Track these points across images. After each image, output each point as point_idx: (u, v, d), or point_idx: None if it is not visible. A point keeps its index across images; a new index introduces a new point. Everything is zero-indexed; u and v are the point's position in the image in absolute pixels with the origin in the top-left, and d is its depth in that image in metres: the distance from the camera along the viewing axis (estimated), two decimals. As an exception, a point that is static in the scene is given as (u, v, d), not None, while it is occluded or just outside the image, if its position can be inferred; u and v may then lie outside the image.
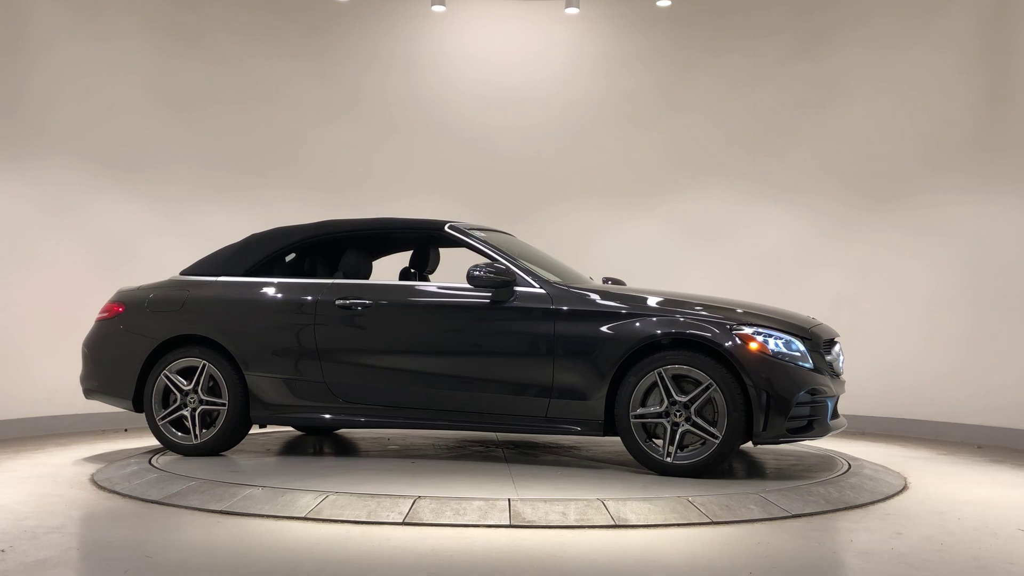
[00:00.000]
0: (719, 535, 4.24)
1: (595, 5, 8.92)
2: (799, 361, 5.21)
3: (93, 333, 6.35)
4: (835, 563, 3.94)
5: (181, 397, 5.90)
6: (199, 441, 5.85)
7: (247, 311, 5.92)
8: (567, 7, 8.55)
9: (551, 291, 5.48)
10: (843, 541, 4.29)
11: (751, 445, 5.40)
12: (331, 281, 5.88)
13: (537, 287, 5.50)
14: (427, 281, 6.35)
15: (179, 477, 5.15)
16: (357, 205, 7.81)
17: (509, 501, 4.52)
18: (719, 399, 5.09)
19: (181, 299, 6.07)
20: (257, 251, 6.15)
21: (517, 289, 5.49)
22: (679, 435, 5.15)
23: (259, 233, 6.31)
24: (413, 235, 6.45)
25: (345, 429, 6.99)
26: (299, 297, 5.84)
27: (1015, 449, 7.14)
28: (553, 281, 5.62)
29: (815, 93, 8.51)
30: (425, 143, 8.95)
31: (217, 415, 5.86)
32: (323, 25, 8.89)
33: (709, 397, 5.12)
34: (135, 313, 6.16)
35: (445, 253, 6.51)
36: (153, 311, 6.12)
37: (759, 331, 5.19)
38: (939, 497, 5.22)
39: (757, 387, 5.06)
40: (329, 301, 5.75)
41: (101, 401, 6.36)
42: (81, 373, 6.40)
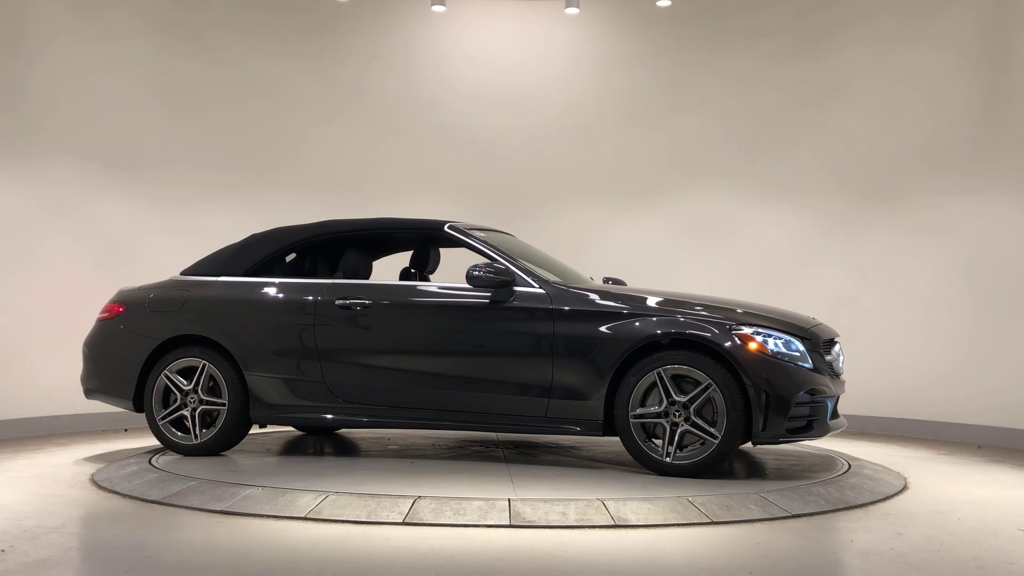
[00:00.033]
0: (719, 535, 4.24)
1: (595, 5, 8.92)
2: (798, 361, 5.21)
3: (94, 333, 6.36)
4: (835, 563, 3.94)
5: (181, 397, 5.91)
6: (199, 441, 5.86)
7: (247, 311, 5.93)
8: (567, 7, 8.55)
9: (550, 291, 5.48)
10: (843, 541, 4.29)
11: (751, 445, 5.40)
12: (331, 281, 5.88)
13: (536, 287, 5.50)
14: (427, 281, 6.36)
15: (179, 477, 5.15)
16: (357, 205, 7.81)
17: (509, 501, 4.52)
18: (718, 399, 5.09)
19: (181, 299, 6.08)
20: (257, 251, 6.15)
21: (516, 289, 5.49)
22: (678, 435, 5.15)
23: (259, 233, 6.32)
24: (413, 235, 6.45)
25: (345, 429, 6.99)
26: (299, 297, 5.85)
27: (1015, 449, 7.14)
28: (552, 281, 5.62)
29: (815, 93, 8.51)
30: (425, 143, 8.95)
31: (217, 415, 5.87)
32: (323, 25, 8.89)
33: (708, 397, 5.12)
34: (135, 313, 6.17)
35: (446, 253, 6.51)
36: (153, 311, 6.12)
37: (758, 331, 5.19)
38: (939, 497, 5.22)
39: (756, 387, 5.05)
40: (329, 301, 5.76)
41: (102, 401, 6.37)
42: (82, 373, 6.41)
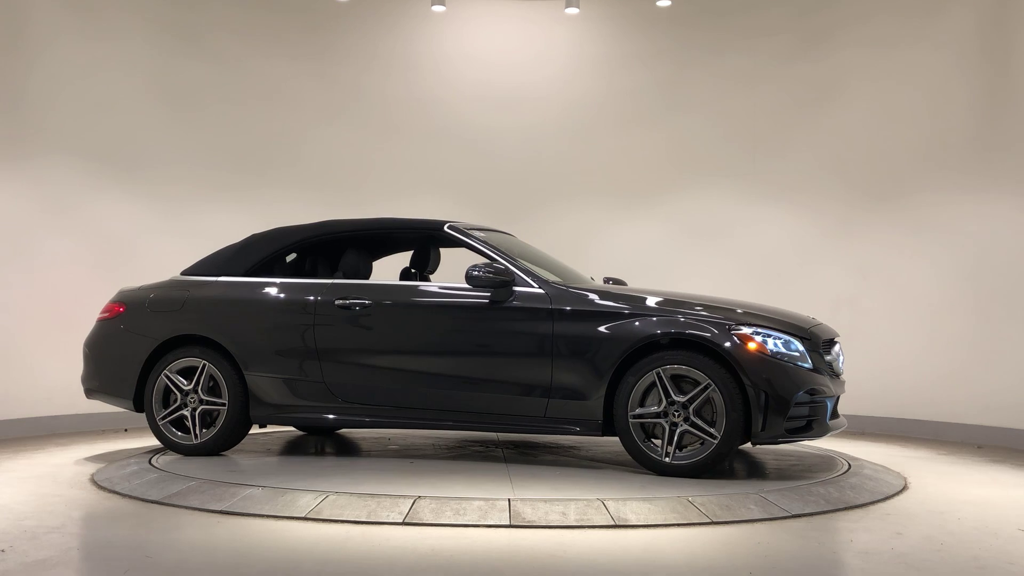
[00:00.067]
0: (719, 535, 4.24)
1: (595, 5, 8.91)
2: (798, 361, 5.21)
3: (94, 333, 6.36)
4: (835, 563, 3.94)
5: (181, 397, 5.91)
6: (199, 441, 5.86)
7: (247, 311, 5.93)
8: (567, 7, 8.54)
9: (550, 291, 5.48)
10: (843, 541, 4.29)
11: (750, 445, 5.40)
12: (330, 281, 5.88)
13: (536, 287, 5.50)
14: (428, 281, 6.36)
15: (179, 477, 5.15)
16: (357, 205, 7.82)
17: (509, 501, 4.52)
18: (717, 399, 5.09)
19: (181, 299, 6.08)
20: (257, 251, 6.15)
21: (516, 289, 5.49)
22: (677, 435, 5.15)
23: (259, 233, 6.32)
24: (413, 235, 6.45)
25: (345, 429, 6.99)
26: (299, 297, 5.85)
27: (1015, 449, 7.14)
28: (552, 281, 5.62)
29: (815, 93, 8.51)
30: (425, 143, 8.95)
31: (217, 415, 5.87)
32: (323, 25, 8.89)
33: (708, 397, 5.11)
34: (136, 313, 6.17)
35: (447, 253, 6.51)
36: (154, 311, 6.12)
37: (758, 331, 5.19)
38: (939, 497, 5.22)
39: (756, 387, 5.05)
40: (329, 301, 5.76)
41: (102, 401, 6.37)
42: (82, 373, 6.41)
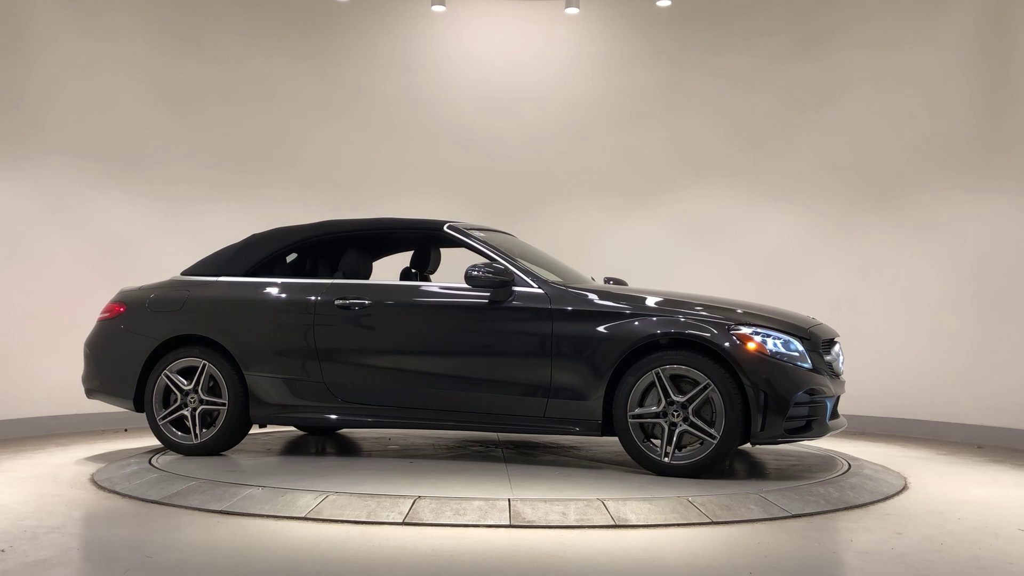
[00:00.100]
0: (719, 535, 4.24)
1: (595, 5, 8.92)
2: (797, 361, 5.20)
3: (94, 333, 6.36)
4: (835, 563, 3.94)
5: (181, 397, 5.91)
6: (199, 441, 5.86)
7: (247, 311, 5.93)
8: (567, 7, 8.55)
9: (549, 291, 5.48)
10: (843, 541, 4.29)
11: (750, 446, 5.40)
12: (330, 281, 5.88)
13: (535, 287, 5.50)
14: (428, 281, 6.36)
15: (179, 477, 5.15)
16: (357, 205, 7.82)
17: (509, 501, 4.52)
18: (717, 399, 5.09)
19: (182, 299, 6.08)
20: (258, 251, 6.15)
21: (515, 289, 5.49)
22: (677, 435, 5.15)
23: (260, 233, 6.32)
24: (413, 235, 6.45)
25: (345, 429, 6.99)
26: (299, 297, 5.85)
27: (1015, 449, 7.14)
28: (551, 281, 5.62)
29: (815, 93, 8.51)
30: (425, 143, 8.95)
31: (217, 415, 5.87)
32: (323, 25, 8.89)
33: (707, 397, 5.11)
34: (136, 313, 6.17)
35: (449, 253, 6.51)
36: (154, 311, 6.13)
37: (757, 331, 5.18)
38: (939, 497, 5.22)
39: (755, 387, 5.05)
40: (328, 301, 5.76)
41: (103, 401, 6.38)
42: (83, 373, 6.41)
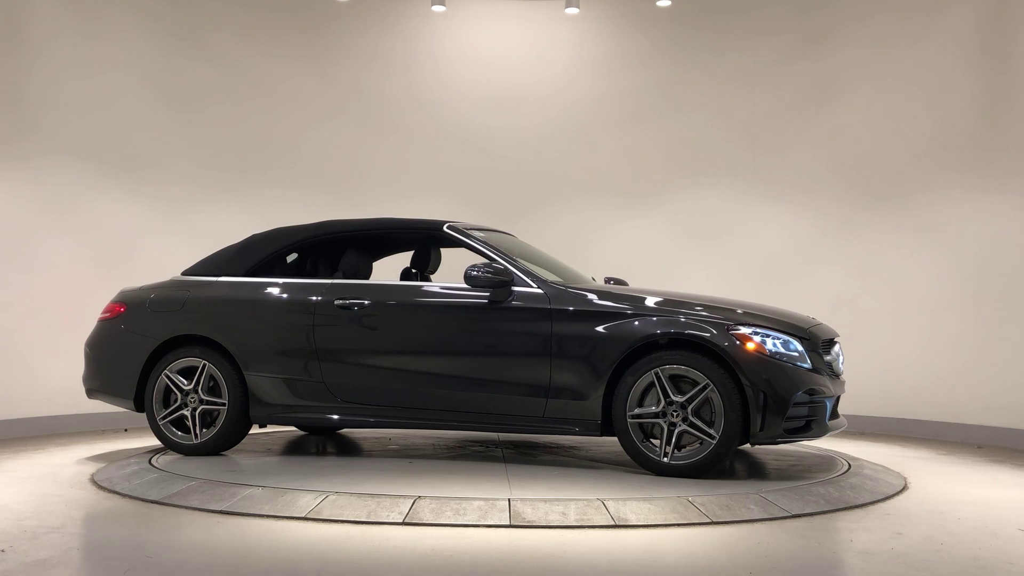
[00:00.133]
0: (719, 535, 4.24)
1: (595, 5, 8.92)
2: (797, 361, 5.20)
3: (95, 333, 6.36)
4: (835, 563, 3.94)
5: (182, 397, 5.92)
6: (199, 441, 5.86)
7: (247, 311, 5.93)
8: (567, 7, 8.55)
9: (549, 291, 5.48)
10: (843, 541, 4.29)
11: (749, 446, 5.40)
12: (330, 281, 5.88)
13: (535, 287, 5.50)
14: (428, 281, 6.36)
15: (179, 477, 5.15)
16: (357, 205, 7.82)
17: (509, 501, 4.52)
18: (716, 399, 5.09)
19: (182, 299, 6.08)
20: (258, 251, 6.16)
21: (515, 289, 5.49)
22: (676, 435, 5.15)
23: (260, 233, 6.32)
24: (413, 235, 6.45)
25: (345, 429, 6.99)
26: (299, 297, 5.85)
27: (1015, 449, 7.14)
28: (551, 281, 5.62)
29: (815, 93, 8.51)
30: (425, 143, 8.95)
31: (217, 415, 5.87)
32: (323, 25, 8.89)
33: (706, 397, 5.11)
34: (136, 313, 6.18)
35: (449, 253, 6.51)
36: (154, 311, 6.13)
37: (756, 331, 5.18)
38: (939, 497, 5.22)
39: (754, 387, 5.05)
40: (328, 301, 5.76)
41: (103, 401, 6.38)
42: (83, 373, 6.42)
